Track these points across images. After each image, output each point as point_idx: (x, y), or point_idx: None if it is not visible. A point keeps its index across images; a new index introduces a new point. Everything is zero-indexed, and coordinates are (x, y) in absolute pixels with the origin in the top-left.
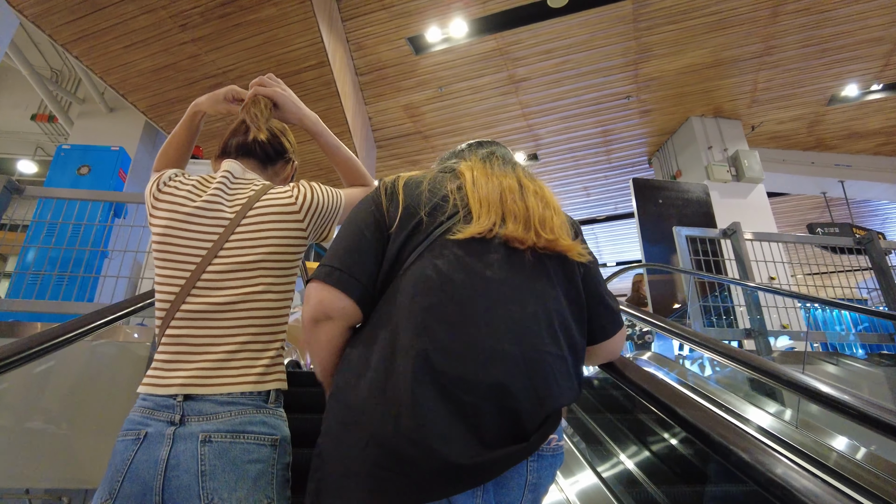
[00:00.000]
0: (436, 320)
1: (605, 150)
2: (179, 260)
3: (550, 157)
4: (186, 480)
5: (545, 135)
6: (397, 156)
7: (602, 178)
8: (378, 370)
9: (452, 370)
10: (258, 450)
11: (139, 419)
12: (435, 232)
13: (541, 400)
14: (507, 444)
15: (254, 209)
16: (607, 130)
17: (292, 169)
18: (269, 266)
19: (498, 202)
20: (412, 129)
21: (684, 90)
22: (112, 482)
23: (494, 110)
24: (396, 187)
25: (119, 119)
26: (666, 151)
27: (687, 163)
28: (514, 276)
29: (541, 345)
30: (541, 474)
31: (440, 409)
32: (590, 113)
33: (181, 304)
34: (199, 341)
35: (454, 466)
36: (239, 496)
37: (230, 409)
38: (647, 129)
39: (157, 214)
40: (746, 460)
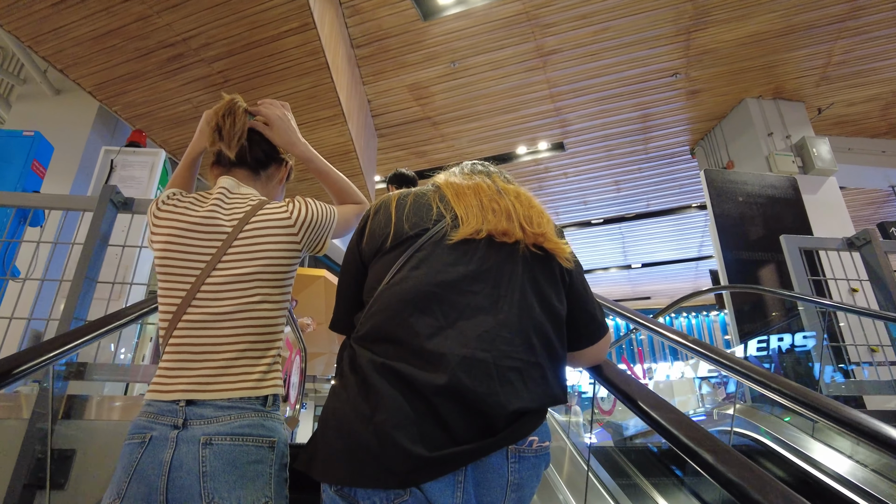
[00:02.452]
0: (409, 332)
1: (642, 138)
2: (180, 272)
3: (579, 146)
4: (189, 481)
5: (574, 120)
6: (402, 146)
7: (636, 171)
8: (359, 375)
9: (422, 377)
10: (257, 451)
11: (144, 423)
12: (418, 243)
13: (508, 402)
14: (475, 440)
15: (250, 223)
16: (647, 115)
17: (287, 169)
18: (265, 278)
19: (478, 205)
20: (419, 113)
21: (742, 66)
22: (119, 483)
23: (517, 90)
24: (381, 209)
25: (67, 103)
26: (713, 140)
27: (740, 152)
28: (491, 287)
29: (513, 352)
30: (522, 475)
31: (409, 410)
32: (629, 93)
33: (183, 314)
34: (201, 349)
35: (420, 458)
36: (238, 495)
37: (230, 412)
38: (693, 114)
39: (157, 231)
40: (710, 462)
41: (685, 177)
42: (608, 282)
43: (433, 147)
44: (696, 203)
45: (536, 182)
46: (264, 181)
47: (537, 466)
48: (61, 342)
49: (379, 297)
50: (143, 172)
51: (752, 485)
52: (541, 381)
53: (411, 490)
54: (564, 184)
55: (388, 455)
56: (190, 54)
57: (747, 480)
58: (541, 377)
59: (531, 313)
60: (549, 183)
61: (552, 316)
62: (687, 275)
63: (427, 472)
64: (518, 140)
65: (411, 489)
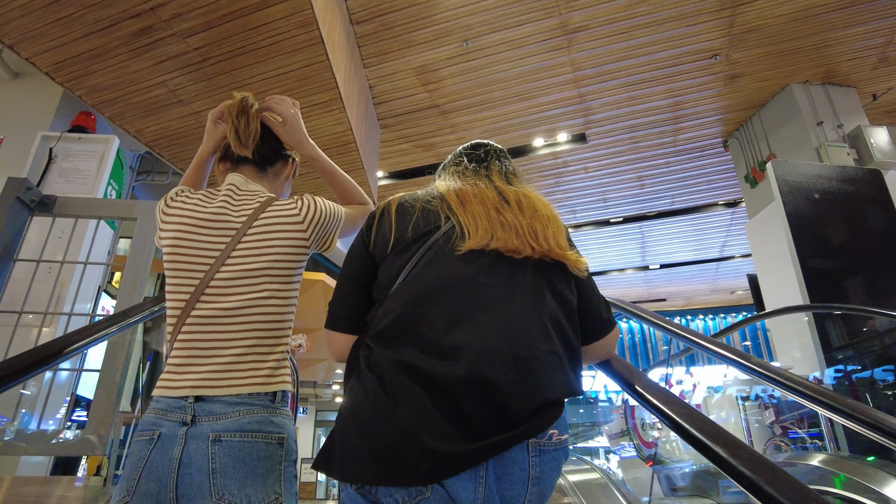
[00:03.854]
0: (426, 327)
1: (671, 128)
2: (189, 268)
3: (602, 137)
4: (199, 478)
5: (599, 108)
6: (408, 137)
7: (662, 166)
8: (376, 373)
9: (442, 371)
10: (266, 448)
11: (153, 420)
12: (429, 242)
13: (530, 392)
14: (496, 434)
15: (259, 220)
16: (679, 103)
17: (293, 166)
18: (274, 273)
19: (485, 215)
20: (427, 100)
21: (790, 46)
22: (129, 480)
23: (537, 74)
24: (389, 210)
25: (26, 88)
26: (750, 130)
27: (784, 144)
28: (504, 279)
29: (531, 342)
30: (544, 468)
31: (429, 406)
32: (661, 78)
33: (191, 310)
34: (209, 345)
35: (442, 454)
36: (248, 492)
37: (239, 409)
38: (729, 102)
39: (166, 228)
40: (722, 455)
41: (714, 172)
42: (623, 283)
43: (442, 139)
44: (724, 200)
45: (553, 178)
46: (271, 178)
47: (557, 460)
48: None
49: (394, 294)
50: (89, 164)
51: (764, 478)
52: (560, 371)
53: (433, 486)
54: (584, 179)
55: (411, 452)
56: (160, 27)
57: (759, 474)
58: (560, 367)
59: (546, 303)
60: (567, 179)
61: (565, 306)
62: (706, 276)
63: (449, 468)
64: (535, 131)
65: (433, 485)
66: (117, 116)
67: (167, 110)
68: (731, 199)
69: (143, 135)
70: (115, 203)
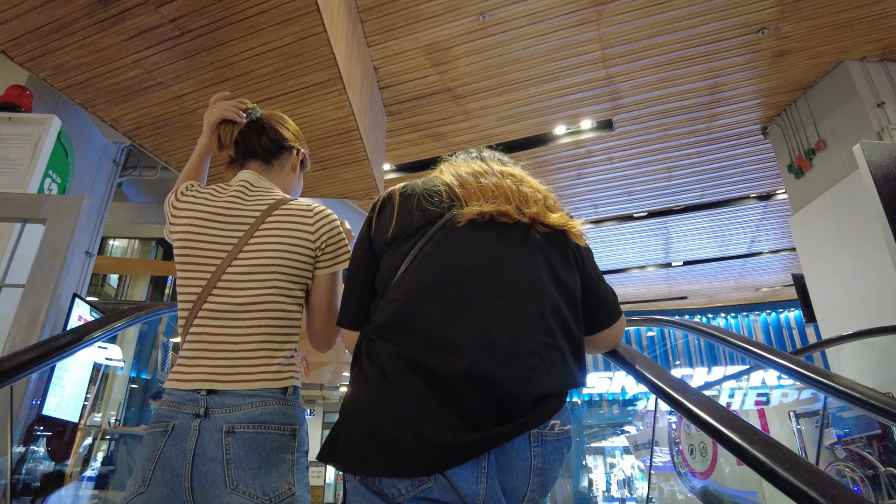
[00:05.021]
0: (426, 321)
1: (707, 114)
2: (201, 261)
3: (630, 124)
4: (213, 468)
5: (628, 91)
6: (416, 126)
7: (693, 156)
8: (377, 365)
9: (443, 365)
10: (279, 439)
11: (166, 412)
12: (430, 232)
13: (530, 386)
14: (497, 425)
15: (273, 216)
16: (717, 85)
17: (300, 157)
18: (283, 270)
19: (477, 186)
20: (437, 84)
21: (849, 16)
22: (144, 471)
23: (562, 52)
24: (390, 202)
25: None
26: (794, 115)
27: (837, 128)
28: (505, 271)
29: (531, 336)
30: (546, 458)
31: (430, 397)
32: (699, 56)
33: (203, 303)
34: (220, 339)
35: (444, 445)
36: (262, 482)
37: (251, 400)
38: (772, 83)
39: (176, 222)
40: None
41: (749, 162)
42: (643, 281)
43: (454, 128)
44: (756, 193)
45: (574, 169)
46: (277, 170)
47: (559, 450)
48: None
49: (395, 287)
50: (21, 151)
51: (779, 462)
52: (561, 365)
53: (436, 477)
54: (608, 171)
55: (413, 443)
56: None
57: (774, 458)
58: (561, 360)
59: (547, 296)
60: (589, 170)
61: (568, 297)
62: (730, 273)
63: (451, 458)
64: (557, 117)
65: (436, 476)
66: (89, 102)
67: (145, 95)
68: (765, 192)
69: (120, 123)
70: (18, 199)
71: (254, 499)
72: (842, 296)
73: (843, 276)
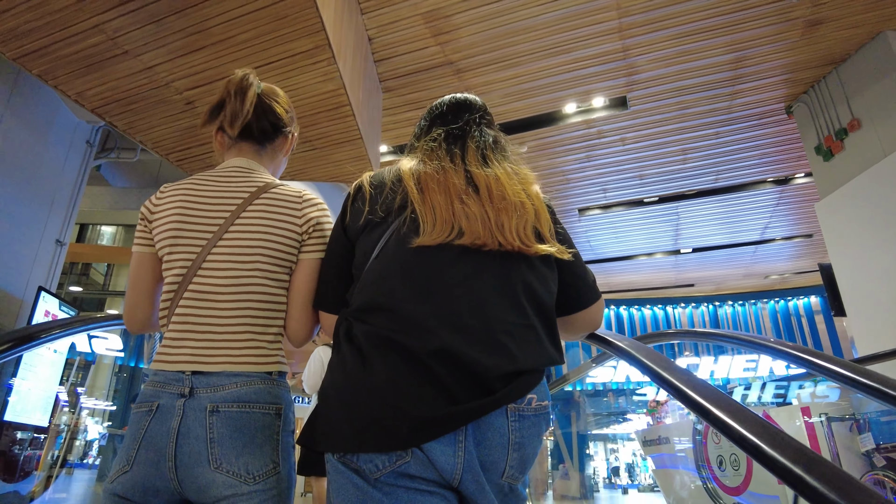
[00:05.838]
0: (398, 303)
1: (728, 91)
2: (186, 244)
3: (646, 102)
4: (197, 447)
5: (645, 65)
6: (415, 102)
7: (711, 137)
8: (354, 345)
9: (416, 343)
10: (263, 418)
11: (152, 392)
12: (394, 227)
13: (503, 362)
14: (473, 400)
15: (261, 198)
16: (741, 59)
17: (292, 141)
18: (267, 252)
19: (449, 213)
20: (438, 56)
21: None
22: (129, 450)
23: (574, 20)
24: (362, 189)
25: None
26: (823, 92)
27: (873, 106)
28: (479, 255)
29: (503, 316)
30: (523, 434)
31: (406, 374)
32: (723, 27)
33: (189, 284)
34: (205, 320)
35: (420, 419)
36: (246, 461)
37: (236, 380)
38: (801, 57)
39: (158, 220)
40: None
41: (769, 144)
42: (650, 268)
43: None
44: (773, 177)
45: (584, 151)
46: (270, 153)
47: (538, 425)
48: None
49: (369, 270)
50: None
51: (766, 441)
52: (535, 343)
53: (413, 451)
54: (620, 153)
55: (388, 418)
56: None
57: (762, 437)
58: (535, 339)
59: (521, 277)
60: (600, 152)
61: (541, 276)
62: (740, 260)
63: (427, 432)
64: (568, 94)
65: (413, 450)
66: (48, 74)
67: (111, 66)
68: (783, 176)
69: (85, 98)
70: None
71: (237, 477)
72: (876, 288)
73: (879, 266)
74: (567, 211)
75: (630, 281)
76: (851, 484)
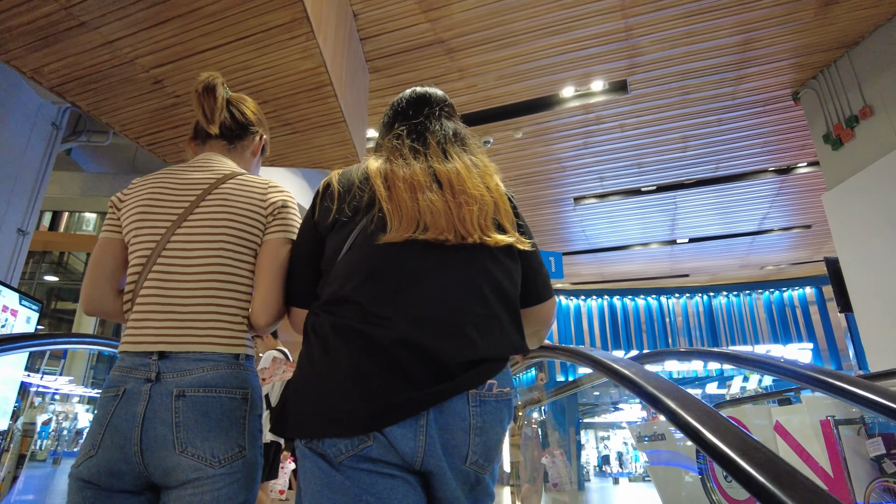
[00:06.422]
0: (364, 297)
1: (733, 76)
2: (151, 226)
3: (647, 86)
4: (162, 431)
5: (648, 47)
6: (404, 84)
7: (714, 124)
8: (320, 336)
9: (380, 333)
10: (230, 403)
11: (119, 377)
12: (362, 224)
13: (466, 351)
14: (434, 386)
15: (226, 184)
16: (749, 41)
17: (261, 142)
18: (231, 232)
19: (414, 210)
20: (429, 34)
21: None
22: (94, 435)
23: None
24: (331, 187)
25: None
26: (834, 78)
27: (887, 92)
28: (440, 250)
29: (468, 308)
30: (485, 419)
31: (368, 361)
32: (731, 6)
33: (153, 265)
34: (168, 299)
35: (381, 404)
36: (212, 445)
37: (203, 364)
38: (812, 39)
39: (126, 208)
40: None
41: (774, 131)
42: (644, 258)
43: (447, 87)
44: (774, 166)
45: (581, 138)
46: (240, 151)
47: (499, 411)
48: None
49: (338, 265)
50: None
51: (708, 426)
52: (499, 334)
53: (374, 435)
54: (618, 140)
55: (350, 404)
56: None
57: (705, 424)
58: (500, 329)
59: (485, 268)
60: (598, 139)
61: (505, 269)
62: (737, 250)
63: (388, 416)
64: (565, 77)
65: (374, 434)
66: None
67: (68, 39)
68: (784, 165)
69: (42, 75)
70: None
71: (203, 461)
72: (887, 285)
73: (891, 262)
74: (562, 199)
75: (624, 271)
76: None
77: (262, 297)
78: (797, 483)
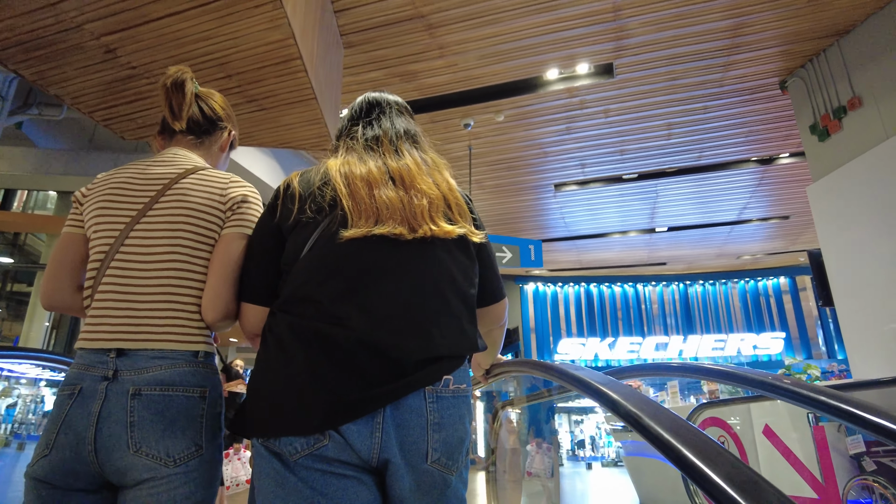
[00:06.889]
0: (324, 296)
1: (722, 62)
2: (110, 221)
3: (633, 70)
4: (116, 430)
5: (637, 28)
6: (381, 61)
7: (699, 112)
8: (276, 336)
9: (337, 332)
10: (186, 401)
11: (75, 375)
12: (324, 224)
13: (423, 349)
14: (389, 384)
15: (187, 178)
16: (740, 26)
17: (229, 137)
18: (189, 228)
19: (372, 206)
20: (408, 7)
21: None
22: (48, 434)
23: None
24: (292, 187)
25: None
26: (822, 66)
27: (876, 82)
28: (400, 251)
29: (426, 306)
30: (442, 415)
31: (324, 360)
32: None
33: (111, 260)
34: (126, 296)
35: (336, 402)
36: (166, 444)
37: (161, 362)
38: (803, 26)
39: (89, 201)
40: (613, 397)
41: (759, 121)
42: (622, 246)
43: (426, 66)
44: (757, 156)
45: (564, 122)
46: (207, 146)
47: (457, 407)
48: None
49: (298, 265)
50: None
51: (645, 412)
52: (457, 331)
53: (330, 434)
54: (602, 125)
55: (306, 402)
56: None
57: (643, 410)
58: (457, 327)
59: (443, 267)
60: (581, 124)
61: (462, 267)
62: (714, 240)
63: (343, 414)
64: (550, 58)
65: (329, 433)
66: None
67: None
68: (767, 155)
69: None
70: None
71: (157, 460)
72: (870, 280)
73: (875, 257)
74: (543, 186)
75: (602, 258)
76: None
77: (211, 292)
78: (722, 458)
